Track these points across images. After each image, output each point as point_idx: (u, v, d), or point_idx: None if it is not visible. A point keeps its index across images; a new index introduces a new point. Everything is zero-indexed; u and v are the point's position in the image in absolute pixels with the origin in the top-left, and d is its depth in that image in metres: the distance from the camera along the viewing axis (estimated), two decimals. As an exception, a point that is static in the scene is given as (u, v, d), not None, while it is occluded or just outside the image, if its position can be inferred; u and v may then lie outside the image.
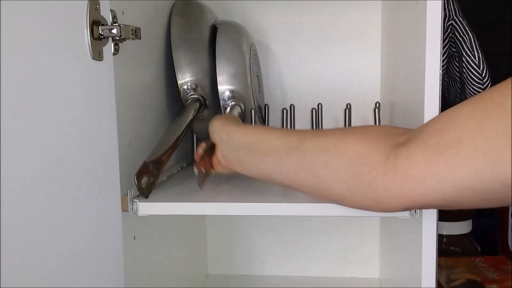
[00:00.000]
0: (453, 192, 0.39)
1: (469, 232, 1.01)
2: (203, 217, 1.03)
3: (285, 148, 0.51)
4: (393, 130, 0.47)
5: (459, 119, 0.39)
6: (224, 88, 0.77)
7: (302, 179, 0.50)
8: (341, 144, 0.47)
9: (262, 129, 0.58)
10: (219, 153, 0.59)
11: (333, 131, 0.51)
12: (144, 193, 0.58)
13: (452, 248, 1.00)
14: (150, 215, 0.59)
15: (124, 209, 0.57)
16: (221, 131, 0.58)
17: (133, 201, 0.58)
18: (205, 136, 0.75)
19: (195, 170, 0.59)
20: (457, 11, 0.85)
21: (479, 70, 0.83)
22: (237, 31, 0.82)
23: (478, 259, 0.96)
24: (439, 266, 0.90)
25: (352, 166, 0.45)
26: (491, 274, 0.89)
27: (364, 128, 0.51)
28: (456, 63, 0.88)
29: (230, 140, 0.56)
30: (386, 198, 0.43)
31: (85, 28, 0.48)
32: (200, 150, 0.61)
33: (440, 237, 0.92)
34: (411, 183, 0.41)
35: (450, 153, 0.38)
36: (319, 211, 0.56)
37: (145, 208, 0.58)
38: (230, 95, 0.77)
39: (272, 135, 0.53)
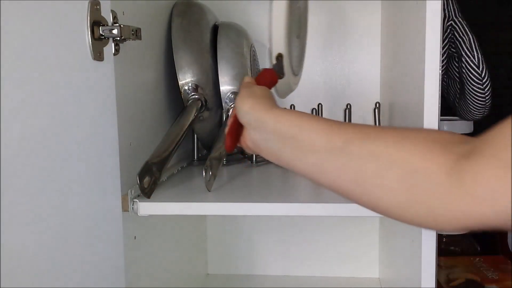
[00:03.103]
0: None
1: (468, 232, 1.01)
2: (203, 217, 1.03)
3: (327, 148, 0.45)
4: (452, 137, 0.42)
5: None
6: (226, 89, 0.78)
7: (345, 184, 0.45)
8: (394, 152, 0.42)
9: (300, 118, 0.49)
10: (247, 138, 0.53)
11: (383, 133, 0.45)
12: (146, 193, 0.58)
13: (452, 248, 1.00)
14: (150, 215, 0.59)
15: (125, 209, 0.57)
16: (250, 116, 0.51)
17: (134, 201, 0.58)
18: (206, 136, 0.75)
19: (204, 173, 0.60)
20: (456, 12, 0.85)
21: (478, 71, 0.83)
22: (237, 33, 0.82)
23: (477, 259, 0.96)
24: (439, 266, 0.90)
25: (406, 179, 0.40)
26: (490, 274, 0.89)
27: (418, 133, 0.45)
28: (456, 64, 0.88)
29: (261, 128, 0.50)
30: (447, 217, 0.39)
31: (86, 29, 0.49)
32: (227, 128, 0.55)
33: (439, 237, 0.92)
34: (480, 203, 0.36)
35: None
36: (319, 211, 0.56)
37: (145, 208, 0.58)
38: (232, 96, 0.78)
39: (312, 129, 0.47)
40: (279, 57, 0.61)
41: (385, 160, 0.42)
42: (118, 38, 0.53)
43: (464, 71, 0.85)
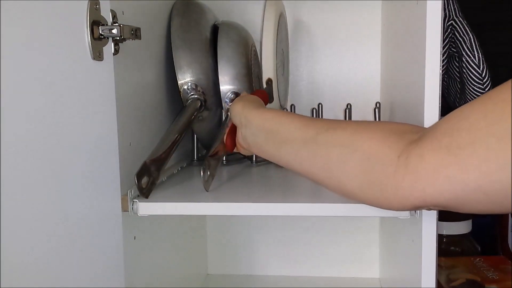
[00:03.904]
0: (464, 193, 0.39)
1: (469, 232, 1.01)
2: (203, 217, 1.03)
3: (301, 138, 0.51)
4: (407, 127, 0.47)
5: (470, 119, 0.38)
6: (226, 89, 0.78)
7: (316, 171, 0.50)
8: (355, 140, 0.47)
9: (281, 115, 0.56)
10: (239, 136, 0.60)
11: (350, 125, 0.50)
12: (144, 193, 0.58)
13: (452, 248, 1.00)
14: (150, 215, 0.59)
15: (124, 209, 0.57)
16: (240, 115, 0.59)
17: (133, 201, 0.58)
18: (206, 136, 0.75)
19: (202, 173, 0.60)
20: (457, 11, 0.85)
21: (479, 70, 0.83)
22: (237, 32, 0.82)
23: (478, 259, 0.96)
24: (439, 266, 0.90)
25: (364, 163, 0.45)
26: (491, 274, 0.89)
27: (378, 124, 0.50)
28: (456, 63, 0.88)
29: (249, 124, 0.57)
30: (396, 197, 0.43)
31: (85, 28, 0.48)
32: (227, 129, 0.63)
33: (440, 237, 0.92)
34: (422, 182, 0.40)
35: (462, 154, 0.38)
36: (319, 211, 0.56)
37: (145, 208, 0.58)
38: (232, 96, 0.78)
39: (290, 124, 0.53)
40: (269, 81, 0.71)
41: (347, 146, 0.47)
42: (118, 38, 0.53)
43: (464, 70, 0.84)
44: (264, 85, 0.74)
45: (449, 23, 0.85)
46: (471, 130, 0.38)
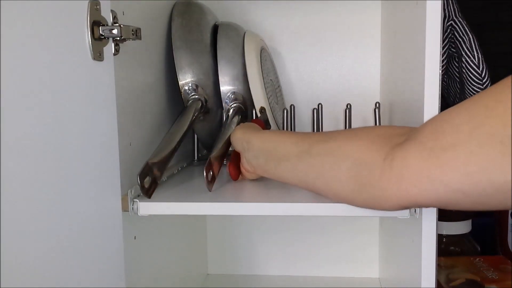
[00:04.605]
0: (446, 194, 0.40)
1: (468, 232, 1.01)
2: (203, 217, 1.03)
3: (296, 153, 0.54)
4: (394, 130, 0.48)
5: (454, 122, 0.39)
6: (226, 89, 0.78)
7: (312, 182, 0.52)
8: (345, 147, 0.49)
9: (279, 135, 0.60)
10: (243, 161, 0.63)
11: (341, 134, 0.53)
12: (147, 193, 0.58)
13: (452, 248, 1.01)
14: (150, 215, 0.59)
15: (125, 209, 0.57)
16: (242, 140, 0.62)
17: (134, 201, 0.58)
18: (206, 136, 0.75)
19: (204, 173, 0.60)
20: (456, 12, 0.85)
21: (478, 71, 0.83)
22: (237, 33, 0.82)
23: (477, 259, 0.96)
24: (439, 266, 0.90)
25: (354, 168, 0.47)
26: (490, 274, 0.89)
27: (366, 130, 0.52)
28: (456, 63, 0.88)
29: (251, 148, 0.60)
30: (384, 198, 0.44)
31: (86, 29, 0.48)
32: (231, 156, 0.66)
33: (439, 237, 0.92)
34: (406, 183, 0.42)
35: (444, 156, 0.39)
36: (319, 211, 0.56)
37: (146, 208, 0.58)
38: (232, 96, 0.78)
39: (287, 141, 0.56)
40: (262, 109, 0.78)
41: (338, 154, 0.49)
42: (118, 38, 0.53)
43: (464, 71, 0.84)
44: (259, 114, 0.77)
45: (449, 23, 0.85)
46: (455, 133, 0.39)
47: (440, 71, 0.53)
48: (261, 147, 0.59)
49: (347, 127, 0.79)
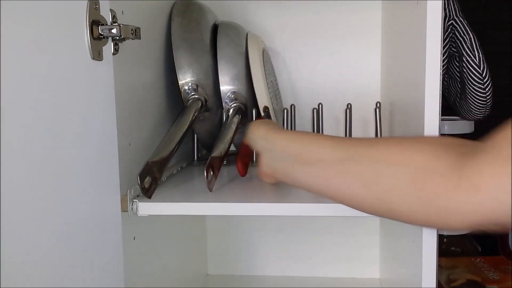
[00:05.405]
0: None
1: (469, 233, 1.01)
2: (203, 217, 1.03)
3: (332, 158, 0.47)
4: (454, 140, 0.44)
5: None
6: (226, 89, 0.78)
7: (356, 192, 0.46)
8: (400, 154, 0.43)
9: (306, 136, 0.53)
10: (262, 163, 0.57)
11: (385, 140, 0.48)
12: (147, 193, 0.57)
13: (453, 248, 1.00)
14: (149, 215, 0.58)
15: (124, 209, 0.57)
16: (262, 140, 0.56)
17: (133, 201, 0.58)
18: (206, 136, 0.75)
19: (205, 173, 0.60)
20: (457, 11, 0.85)
21: (479, 70, 0.83)
22: (237, 32, 0.82)
23: (478, 260, 0.96)
24: (440, 267, 0.90)
25: (414, 178, 0.42)
26: (491, 275, 0.89)
27: (422, 138, 0.47)
28: (457, 63, 0.88)
29: (274, 149, 0.55)
30: (453, 213, 0.39)
31: (85, 28, 0.48)
32: (240, 152, 0.63)
33: (440, 238, 0.92)
34: (483, 196, 0.37)
35: None
36: (319, 211, 0.56)
37: (145, 208, 0.58)
38: (232, 96, 0.77)
39: (317, 144, 0.50)
40: (266, 109, 0.77)
41: (392, 161, 0.43)
42: (118, 38, 0.53)
43: (465, 70, 0.84)
44: (262, 114, 0.76)
45: (450, 22, 0.85)
46: None
47: (441, 70, 0.53)
48: (286, 148, 0.53)
49: (347, 127, 0.79)
